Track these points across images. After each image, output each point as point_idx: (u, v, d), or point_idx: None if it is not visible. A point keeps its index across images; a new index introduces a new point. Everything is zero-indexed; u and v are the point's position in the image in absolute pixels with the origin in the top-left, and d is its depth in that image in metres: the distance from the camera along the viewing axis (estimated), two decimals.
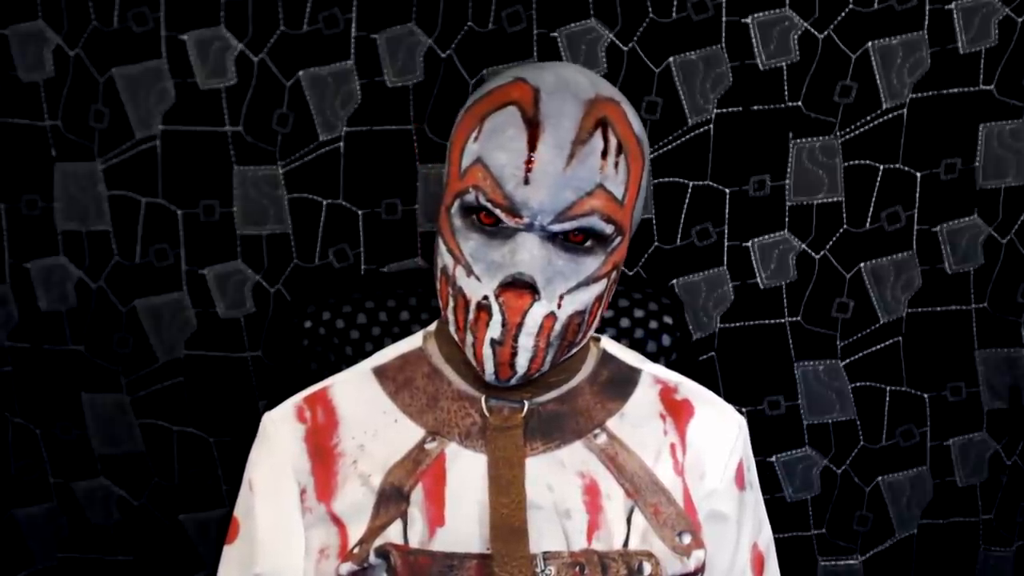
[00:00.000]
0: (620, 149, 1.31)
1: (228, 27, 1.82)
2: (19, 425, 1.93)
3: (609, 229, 1.31)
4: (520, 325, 1.29)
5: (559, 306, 1.30)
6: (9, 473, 1.94)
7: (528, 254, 1.28)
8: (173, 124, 1.84)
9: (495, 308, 1.30)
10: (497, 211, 1.29)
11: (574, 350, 1.36)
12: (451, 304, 1.34)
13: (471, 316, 1.31)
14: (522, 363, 1.31)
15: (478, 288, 1.30)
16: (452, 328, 1.34)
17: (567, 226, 1.29)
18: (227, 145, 1.85)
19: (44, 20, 1.82)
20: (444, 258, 1.34)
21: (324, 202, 1.88)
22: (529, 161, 1.28)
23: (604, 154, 1.30)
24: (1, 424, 1.93)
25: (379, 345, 1.64)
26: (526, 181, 1.27)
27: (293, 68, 1.84)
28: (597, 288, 1.32)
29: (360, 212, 1.88)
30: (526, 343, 1.30)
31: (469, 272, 1.31)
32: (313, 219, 1.88)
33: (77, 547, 1.96)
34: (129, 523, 1.96)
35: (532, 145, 1.28)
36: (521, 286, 1.28)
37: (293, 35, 1.83)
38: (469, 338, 1.32)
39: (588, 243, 1.31)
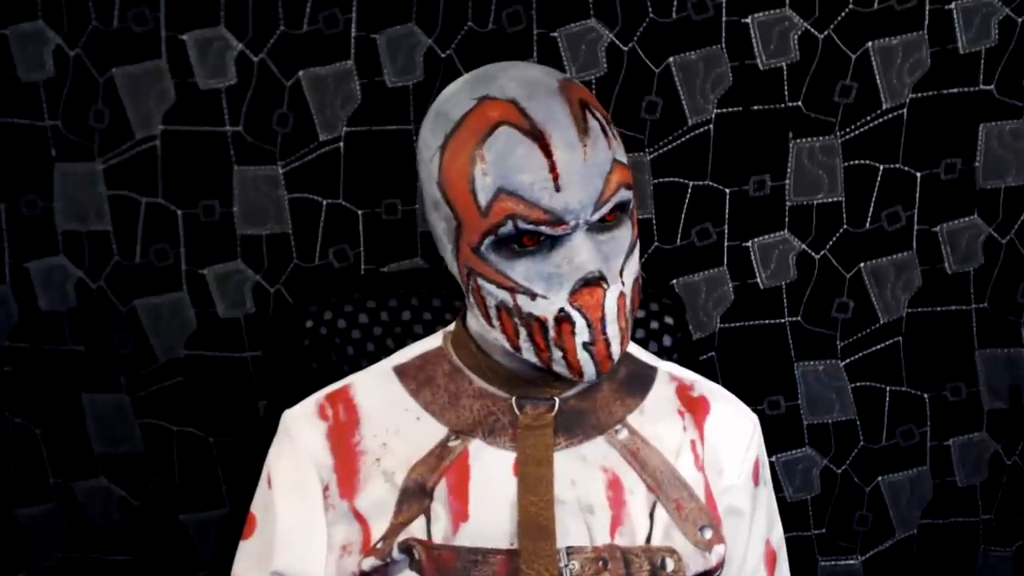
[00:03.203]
0: (607, 120, 1.32)
1: (228, 27, 1.82)
2: (19, 425, 1.93)
3: (630, 195, 1.32)
4: (603, 318, 1.30)
5: (623, 283, 1.31)
6: (9, 473, 1.94)
7: (585, 252, 1.28)
8: (173, 124, 1.84)
9: (575, 315, 1.29)
10: (541, 228, 1.28)
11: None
12: (523, 333, 1.32)
13: (552, 333, 1.30)
14: (616, 350, 1.31)
15: (549, 305, 1.30)
16: (530, 353, 1.32)
17: (605, 210, 1.29)
18: (227, 145, 1.85)
19: (44, 20, 1.82)
20: (496, 295, 1.31)
21: (324, 202, 1.88)
22: (553, 169, 1.27)
23: (604, 132, 1.30)
24: (1, 424, 1.93)
25: (381, 345, 1.65)
26: (557, 189, 1.27)
27: (293, 68, 1.84)
28: (637, 251, 1.34)
29: (360, 212, 1.88)
30: (613, 331, 1.30)
31: (533, 296, 1.30)
32: (313, 219, 1.88)
33: (77, 547, 1.96)
34: (129, 523, 1.96)
35: (547, 153, 1.27)
36: (592, 283, 1.29)
37: (293, 35, 1.83)
38: (557, 353, 1.31)
39: (616, 215, 1.31)
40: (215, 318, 1.90)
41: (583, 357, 1.31)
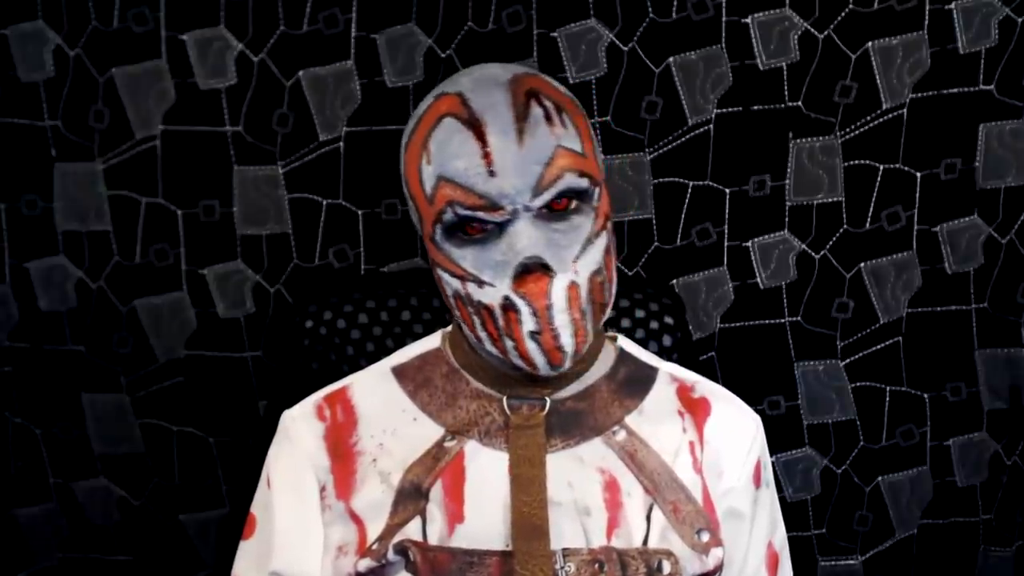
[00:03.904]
0: (559, 109, 1.33)
1: (228, 27, 1.82)
2: (19, 425, 1.93)
3: (585, 183, 1.32)
4: (549, 307, 1.30)
5: (576, 272, 1.31)
6: (9, 473, 1.94)
7: (526, 238, 1.29)
8: (173, 124, 1.84)
9: (520, 302, 1.30)
10: (479, 214, 1.29)
11: (607, 312, 1.37)
12: (477, 321, 1.34)
13: (500, 322, 1.31)
14: (567, 341, 1.31)
15: (495, 292, 1.31)
16: (488, 344, 1.34)
17: (547, 196, 1.30)
18: (227, 145, 1.85)
19: (44, 20, 1.82)
20: (451, 284, 1.34)
21: (324, 202, 1.88)
22: (486, 155, 1.28)
23: (548, 118, 1.31)
24: (1, 424, 1.93)
25: (381, 345, 1.65)
26: (492, 174, 1.29)
27: (293, 68, 1.84)
28: (601, 243, 1.33)
29: (360, 212, 1.88)
30: (563, 320, 1.30)
31: (480, 283, 1.31)
32: (313, 219, 1.88)
33: (77, 547, 1.96)
34: (129, 523, 1.96)
35: (481, 140, 1.29)
36: (534, 270, 1.29)
37: (293, 35, 1.83)
38: (509, 343, 1.32)
39: (573, 204, 1.32)
40: (215, 318, 1.90)
41: (531, 347, 1.31)
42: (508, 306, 1.30)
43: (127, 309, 1.89)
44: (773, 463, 1.96)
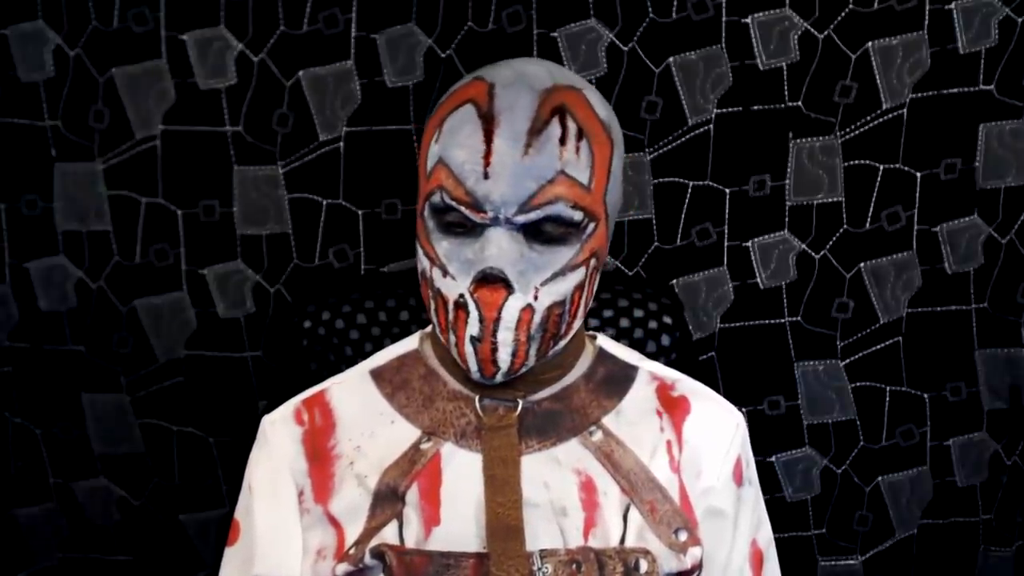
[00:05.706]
0: (581, 134, 1.31)
1: (228, 27, 1.82)
2: (19, 425, 1.93)
3: (578, 216, 1.30)
4: (497, 320, 1.29)
5: (535, 298, 1.30)
6: (9, 473, 1.94)
7: (496, 248, 1.28)
8: (173, 124, 1.85)
9: (471, 305, 1.30)
10: (461, 208, 1.29)
11: (561, 343, 1.36)
12: (432, 306, 1.35)
13: (450, 316, 1.32)
14: (504, 358, 1.31)
15: (454, 287, 1.31)
16: (437, 330, 1.35)
17: (532, 216, 1.29)
18: (227, 145, 1.85)
19: (44, 20, 1.82)
20: (422, 262, 1.36)
21: (324, 202, 1.88)
22: (487, 155, 1.28)
23: (563, 140, 1.29)
24: (1, 424, 1.93)
25: (379, 345, 1.65)
26: (486, 175, 1.28)
27: (293, 68, 1.84)
28: (575, 277, 1.32)
29: (360, 212, 1.88)
30: (505, 337, 1.30)
31: (445, 273, 1.32)
32: (313, 219, 1.88)
33: (77, 547, 1.96)
34: (129, 523, 1.96)
35: (488, 139, 1.28)
36: (493, 281, 1.29)
37: (293, 35, 1.83)
38: (452, 338, 1.32)
39: (560, 232, 1.30)
40: (215, 318, 1.90)
41: (469, 351, 1.31)
42: (461, 304, 1.31)
43: (127, 309, 1.89)
44: (773, 463, 1.96)
